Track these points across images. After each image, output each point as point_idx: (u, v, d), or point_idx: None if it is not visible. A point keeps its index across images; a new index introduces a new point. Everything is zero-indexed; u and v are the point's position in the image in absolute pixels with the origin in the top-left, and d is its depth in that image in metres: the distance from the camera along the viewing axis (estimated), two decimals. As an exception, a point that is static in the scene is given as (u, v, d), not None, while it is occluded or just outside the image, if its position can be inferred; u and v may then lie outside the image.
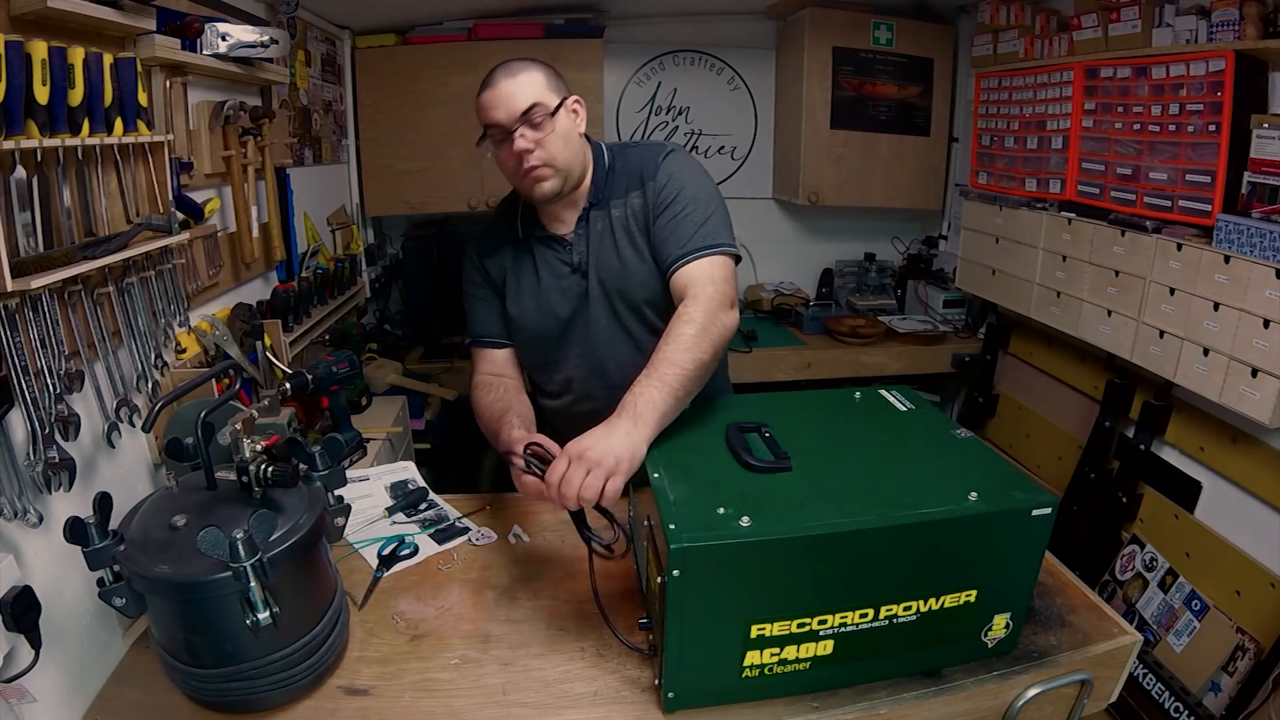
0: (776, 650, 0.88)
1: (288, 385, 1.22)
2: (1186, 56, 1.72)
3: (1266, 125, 1.58)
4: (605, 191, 1.32)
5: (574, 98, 1.27)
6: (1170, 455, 1.97)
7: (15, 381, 0.88)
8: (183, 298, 1.29)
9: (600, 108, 2.80)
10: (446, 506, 1.38)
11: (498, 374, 1.39)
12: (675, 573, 0.82)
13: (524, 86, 1.20)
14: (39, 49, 0.92)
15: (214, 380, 1.23)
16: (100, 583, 0.85)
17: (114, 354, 1.09)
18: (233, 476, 0.93)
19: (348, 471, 1.05)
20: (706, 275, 1.19)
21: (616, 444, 0.96)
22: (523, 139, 1.19)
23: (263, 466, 0.92)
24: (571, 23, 2.69)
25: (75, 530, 0.83)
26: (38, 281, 0.89)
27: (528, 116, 1.19)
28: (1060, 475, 2.31)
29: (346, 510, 1.04)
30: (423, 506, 1.38)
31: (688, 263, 1.21)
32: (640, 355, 1.23)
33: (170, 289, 1.24)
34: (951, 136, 2.93)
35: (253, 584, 0.81)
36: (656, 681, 0.93)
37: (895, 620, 0.89)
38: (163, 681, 0.93)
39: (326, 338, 2.13)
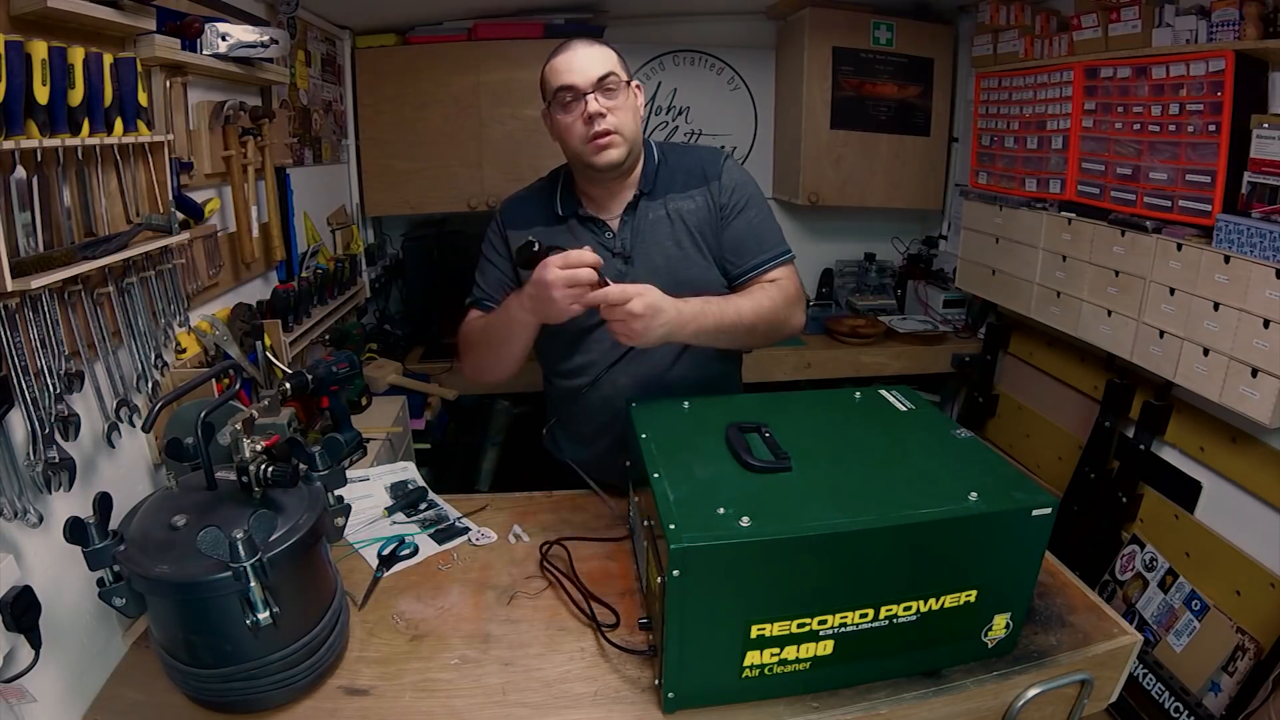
0: (776, 650, 0.88)
1: (288, 385, 1.22)
2: (1186, 56, 1.72)
3: (1266, 125, 1.58)
4: (658, 184, 1.34)
5: (637, 83, 1.32)
6: (1170, 455, 1.97)
7: (15, 381, 0.88)
8: (183, 298, 1.29)
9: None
10: (446, 506, 1.38)
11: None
12: (675, 573, 0.82)
13: (602, 54, 1.24)
14: (39, 49, 0.92)
15: (214, 380, 1.23)
16: (100, 583, 0.85)
17: (114, 354, 1.09)
18: (233, 476, 0.93)
19: (348, 471, 1.05)
20: (789, 275, 1.35)
21: (668, 322, 1.13)
22: (596, 103, 1.22)
23: (263, 466, 0.92)
24: (571, 23, 2.69)
25: (75, 530, 0.83)
26: (38, 281, 0.89)
27: (603, 83, 1.23)
28: (1060, 475, 2.31)
29: (346, 510, 1.04)
30: (423, 506, 1.38)
31: (772, 268, 1.33)
32: (675, 346, 1.28)
33: (170, 289, 1.24)
34: (951, 136, 2.93)
35: (253, 584, 0.81)
36: (656, 681, 0.93)
37: (895, 620, 0.89)
38: (163, 681, 0.93)
39: (326, 338, 2.13)
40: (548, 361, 1.46)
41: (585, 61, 1.23)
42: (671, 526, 0.83)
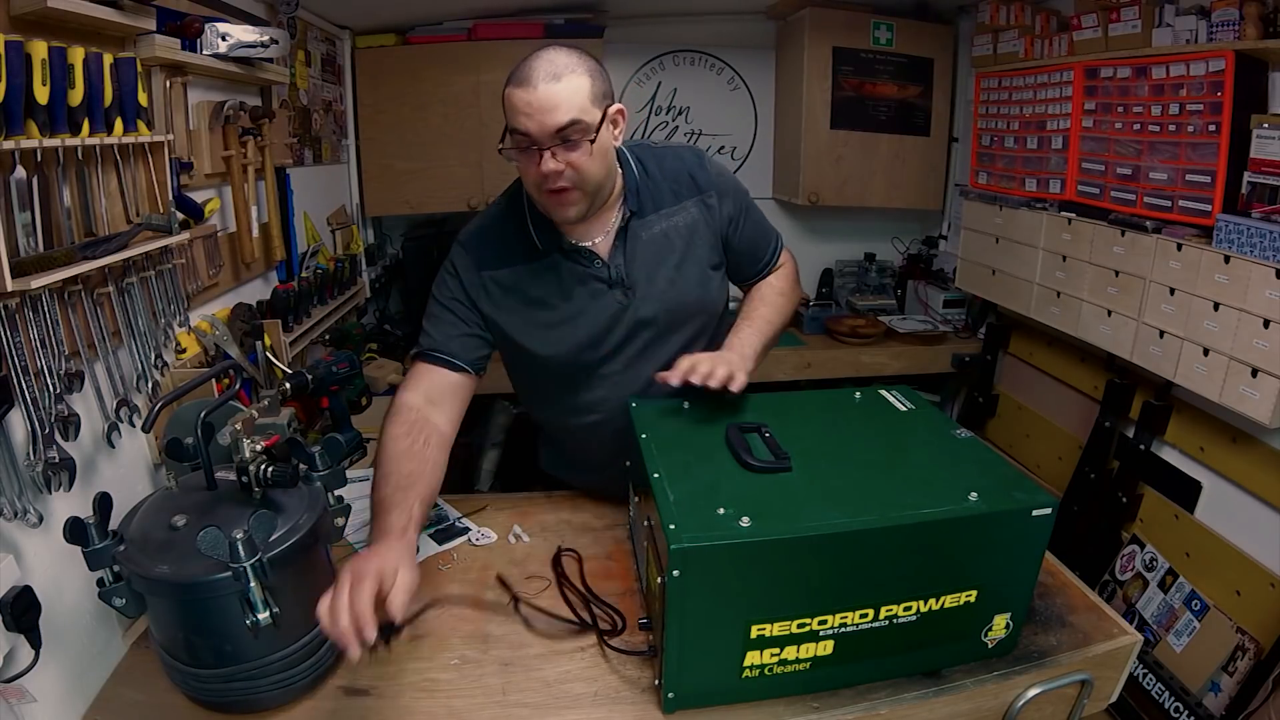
0: (776, 650, 0.88)
1: (288, 385, 1.22)
2: (1186, 56, 1.72)
3: (1266, 125, 1.58)
4: (644, 200, 1.21)
5: (617, 106, 1.11)
6: (1170, 455, 1.97)
7: (15, 381, 0.88)
8: (183, 298, 1.28)
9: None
10: (446, 506, 1.38)
11: (434, 402, 1.16)
12: (675, 573, 0.82)
13: (566, 95, 1.02)
14: (39, 49, 0.92)
15: (214, 380, 1.23)
16: (100, 583, 0.85)
17: (114, 354, 1.09)
18: (233, 476, 0.93)
19: (348, 471, 1.05)
20: (787, 258, 1.41)
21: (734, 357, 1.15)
22: (553, 160, 1.05)
23: (263, 466, 0.92)
24: (571, 23, 2.69)
25: (75, 530, 0.83)
26: (38, 281, 0.89)
27: (564, 133, 1.03)
28: (1060, 475, 2.31)
29: (346, 510, 1.03)
30: (423, 506, 1.38)
31: (777, 258, 1.38)
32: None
33: (170, 289, 1.24)
34: (951, 136, 2.93)
35: (252, 584, 0.81)
36: (656, 681, 0.93)
37: (895, 620, 0.89)
38: (163, 681, 0.93)
39: (326, 338, 2.13)
40: (551, 407, 1.34)
41: (545, 104, 1.02)
42: (671, 526, 0.83)
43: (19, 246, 0.92)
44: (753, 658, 0.88)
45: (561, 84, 1.03)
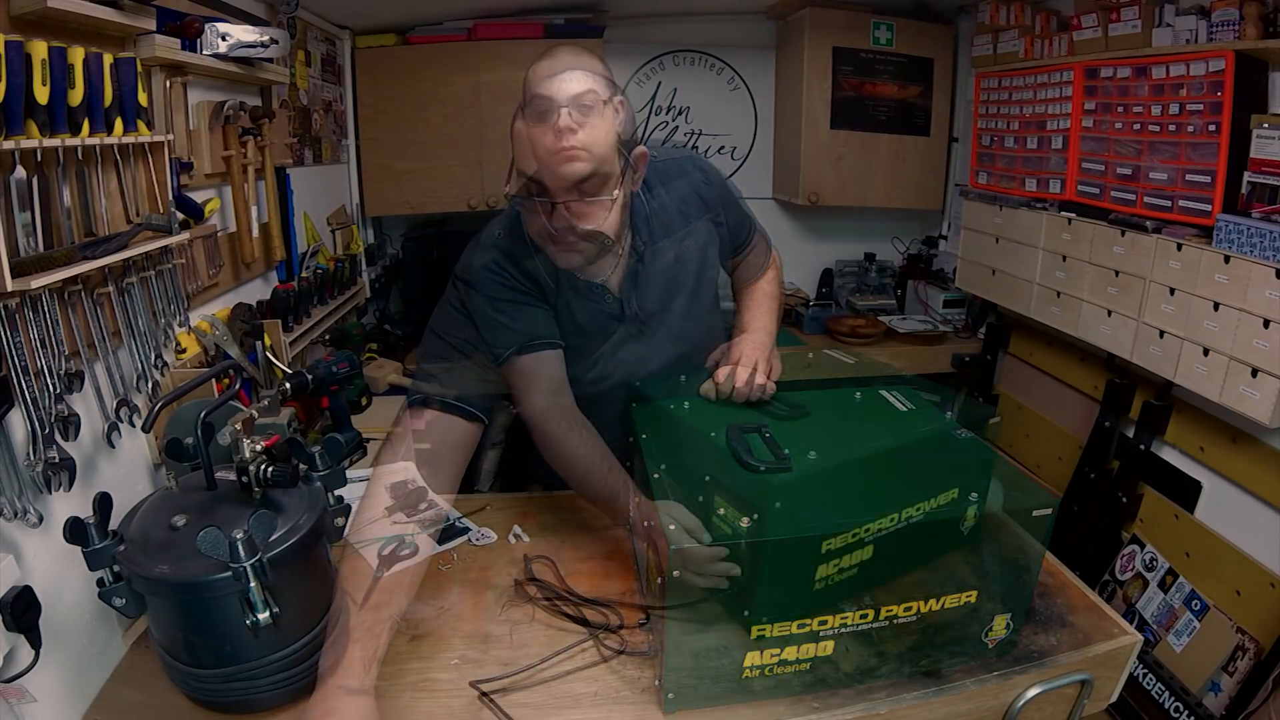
0: (777, 650, 0.88)
1: (288, 385, 1.22)
2: (1186, 56, 1.72)
3: (1266, 125, 1.58)
4: (656, 227, 1.20)
5: (639, 150, 1.13)
6: (1170, 455, 1.97)
7: (15, 381, 0.89)
8: (183, 298, 1.29)
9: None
10: (447, 506, 1.38)
11: (437, 463, 1.15)
12: (675, 573, 0.82)
13: (591, 143, 1.04)
14: (39, 49, 0.92)
15: (214, 380, 1.23)
16: (100, 583, 0.85)
17: (114, 354, 1.09)
18: (233, 476, 0.93)
19: (348, 471, 1.05)
20: (774, 258, 1.42)
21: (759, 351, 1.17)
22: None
23: (263, 466, 0.92)
24: (571, 23, 2.69)
25: (75, 530, 0.83)
26: (38, 281, 0.89)
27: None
28: (1060, 475, 2.31)
29: (346, 510, 1.03)
30: (423, 506, 1.38)
31: (767, 267, 1.40)
32: (693, 383, 1.23)
33: (170, 289, 1.24)
34: (951, 136, 2.93)
35: (252, 584, 0.81)
36: (656, 682, 0.93)
37: (895, 620, 0.89)
38: (163, 681, 0.93)
39: (326, 338, 2.13)
40: (568, 438, 1.20)
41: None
42: (671, 527, 0.83)
43: (19, 246, 0.92)
44: (753, 658, 0.88)
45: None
